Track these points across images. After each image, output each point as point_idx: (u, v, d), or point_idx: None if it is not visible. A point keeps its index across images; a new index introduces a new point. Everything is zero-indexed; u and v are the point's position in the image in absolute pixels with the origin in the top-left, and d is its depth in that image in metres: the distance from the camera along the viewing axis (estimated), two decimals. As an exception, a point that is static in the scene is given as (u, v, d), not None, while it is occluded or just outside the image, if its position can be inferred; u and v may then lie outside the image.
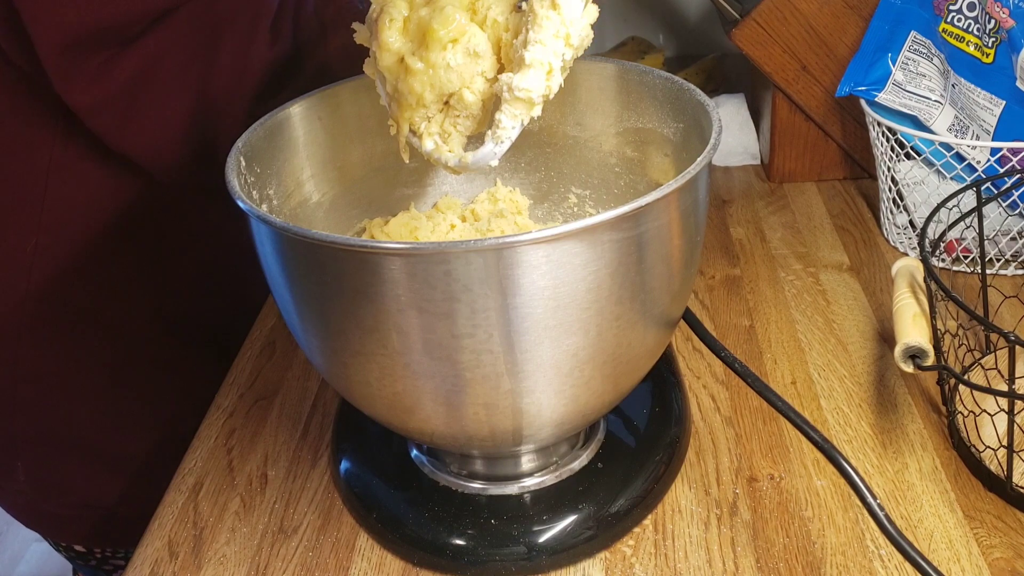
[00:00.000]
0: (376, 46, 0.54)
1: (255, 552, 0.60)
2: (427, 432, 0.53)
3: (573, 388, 0.50)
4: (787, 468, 0.62)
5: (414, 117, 0.55)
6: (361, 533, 0.61)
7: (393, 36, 0.54)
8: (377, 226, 0.67)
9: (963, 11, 0.82)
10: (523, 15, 0.52)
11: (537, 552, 0.56)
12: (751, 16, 0.91)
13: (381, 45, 0.54)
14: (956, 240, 0.79)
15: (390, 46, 0.54)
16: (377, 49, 0.54)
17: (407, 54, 0.53)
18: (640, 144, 0.64)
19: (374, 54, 0.55)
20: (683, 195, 0.48)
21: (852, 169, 0.98)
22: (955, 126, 0.83)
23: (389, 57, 0.54)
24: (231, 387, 0.76)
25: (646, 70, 0.61)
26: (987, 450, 0.58)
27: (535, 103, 0.52)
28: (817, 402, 0.68)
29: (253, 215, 0.47)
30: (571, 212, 0.70)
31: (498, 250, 0.43)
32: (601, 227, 0.44)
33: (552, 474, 0.60)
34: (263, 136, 0.58)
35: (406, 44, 0.54)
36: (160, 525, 0.63)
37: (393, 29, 0.54)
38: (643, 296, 0.49)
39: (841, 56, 0.91)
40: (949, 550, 0.55)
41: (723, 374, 0.71)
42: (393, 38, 0.54)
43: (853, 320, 0.76)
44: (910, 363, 0.58)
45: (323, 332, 0.51)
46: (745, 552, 0.56)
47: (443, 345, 0.46)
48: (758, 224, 0.91)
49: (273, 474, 0.66)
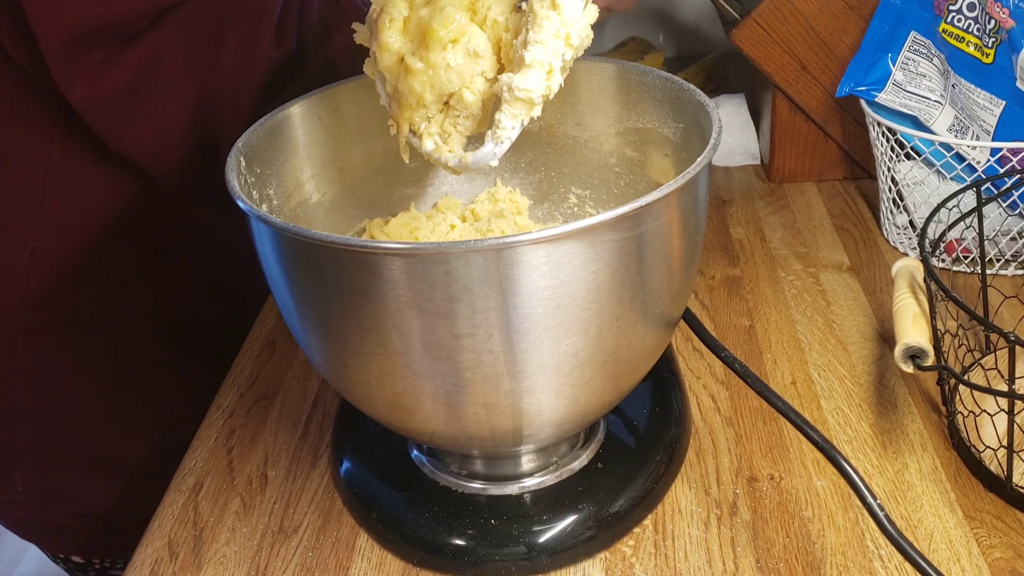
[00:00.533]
0: (376, 46, 0.54)
1: (255, 552, 0.60)
2: (427, 432, 0.53)
3: (573, 388, 0.50)
4: (787, 468, 0.62)
5: (414, 117, 0.55)
6: (361, 533, 0.61)
7: (393, 36, 0.54)
8: (377, 226, 0.67)
9: (963, 11, 0.82)
10: (523, 15, 0.52)
11: (537, 552, 0.56)
12: (751, 16, 0.91)
13: (381, 45, 0.54)
14: (956, 240, 0.79)
15: (390, 46, 0.54)
16: (377, 49, 0.54)
17: (407, 54, 0.53)
18: (640, 144, 0.64)
19: (374, 54, 0.55)
20: (683, 195, 0.48)
21: (852, 169, 0.98)
22: (955, 126, 0.83)
23: (389, 57, 0.54)
24: (231, 387, 0.76)
25: (646, 70, 0.61)
26: (987, 450, 0.58)
27: (535, 103, 0.52)
28: (817, 402, 0.68)
29: (253, 215, 0.47)
30: (571, 212, 0.70)
31: (498, 250, 0.43)
32: (601, 227, 0.44)
33: (552, 474, 0.60)
34: (263, 136, 0.58)
35: (406, 44, 0.54)
36: (160, 525, 0.63)
37: (393, 29, 0.54)
38: (643, 296, 0.49)
39: (841, 56, 0.91)
40: (949, 550, 0.55)
41: (723, 374, 0.71)
42: (393, 38, 0.54)
43: (853, 320, 0.76)
44: (910, 363, 0.58)
45: (323, 332, 0.51)
46: (745, 552, 0.56)
47: (443, 345, 0.46)
48: (758, 224, 0.91)
49: (273, 474, 0.66)
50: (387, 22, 0.54)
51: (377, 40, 0.54)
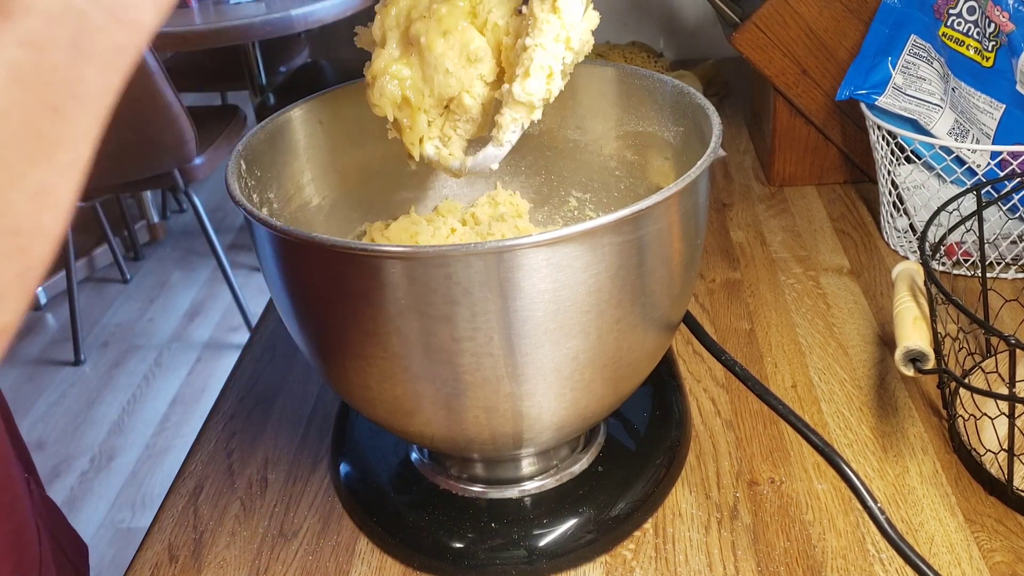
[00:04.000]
0: (370, 76, 0.55)
1: (255, 556, 0.60)
2: (427, 435, 0.53)
3: (573, 391, 0.50)
4: (788, 472, 0.62)
5: (420, 126, 0.56)
6: (361, 537, 0.60)
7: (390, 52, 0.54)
8: (378, 230, 0.67)
9: (963, 15, 0.82)
10: (524, 19, 0.52)
11: (537, 556, 0.56)
12: (751, 20, 0.91)
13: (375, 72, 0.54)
14: (956, 244, 0.79)
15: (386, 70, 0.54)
16: (371, 79, 0.55)
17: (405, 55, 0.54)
18: (640, 148, 0.64)
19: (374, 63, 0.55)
20: (683, 198, 0.48)
21: (852, 173, 0.98)
22: (955, 130, 0.83)
23: (388, 95, 0.54)
24: (231, 390, 0.76)
25: (647, 74, 0.61)
26: (988, 454, 0.58)
27: (535, 107, 0.52)
28: (817, 405, 0.68)
29: (253, 218, 0.47)
30: (571, 215, 0.70)
31: (498, 253, 0.43)
32: (601, 230, 0.44)
33: (552, 477, 0.60)
34: (264, 139, 0.58)
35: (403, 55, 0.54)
36: (160, 529, 0.63)
37: (386, 58, 0.54)
38: (643, 299, 0.49)
39: (841, 60, 0.92)
40: (950, 554, 0.55)
41: (723, 377, 0.71)
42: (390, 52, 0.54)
43: (853, 324, 0.76)
44: (911, 367, 0.58)
45: (323, 336, 0.51)
46: (746, 556, 0.56)
47: (443, 348, 0.46)
48: (758, 228, 0.91)
49: (273, 478, 0.66)
50: (381, 56, 0.54)
51: (371, 69, 0.55)
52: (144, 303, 2.73)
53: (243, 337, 2.46)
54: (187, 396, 2.32)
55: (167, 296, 2.75)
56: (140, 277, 2.86)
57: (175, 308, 2.69)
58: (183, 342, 2.53)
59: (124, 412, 2.28)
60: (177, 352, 2.49)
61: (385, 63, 0.54)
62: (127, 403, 2.31)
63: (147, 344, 2.54)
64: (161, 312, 2.68)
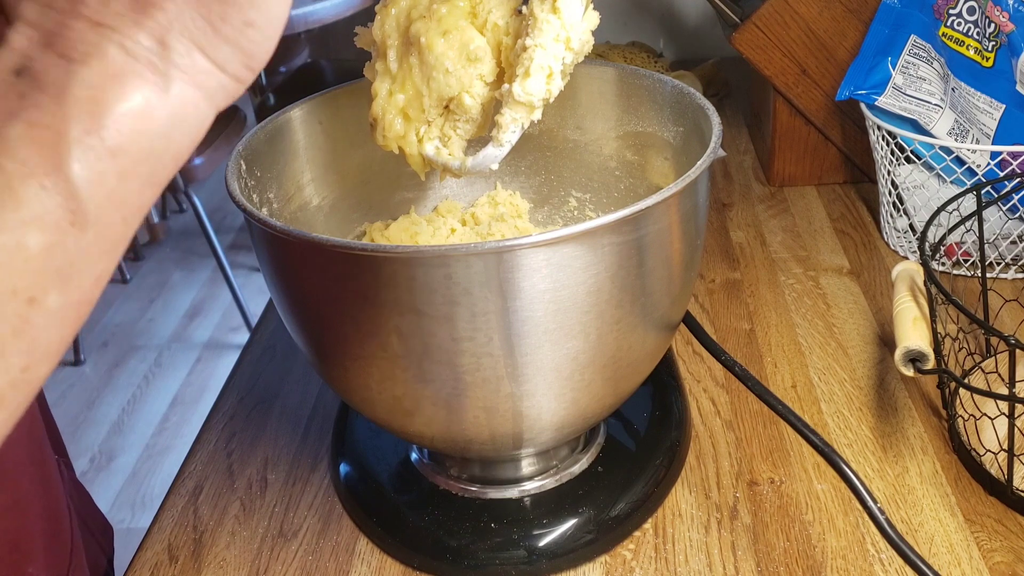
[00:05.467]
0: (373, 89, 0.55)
1: (255, 556, 0.60)
2: (427, 436, 0.53)
3: (573, 391, 0.50)
4: (787, 472, 0.62)
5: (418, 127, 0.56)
6: (361, 537, 0.60)
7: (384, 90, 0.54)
8: (377, 230, 0.67)
9: (963, 15, 0.82)
10: (523, 19, 0.52)
11: (537, 556, 0.56)
12: (751, 20, 0.91)
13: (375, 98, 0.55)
14: (956, 244, 0.79)
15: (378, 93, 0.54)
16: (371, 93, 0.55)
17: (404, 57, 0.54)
18: (640, 148, 0.64)
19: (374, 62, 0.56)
20: (683, 199, 0.48)
21: (852, 173, 0.98)
22: (955, 130, 0.83)
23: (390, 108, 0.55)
24: (231, 391, 0.76)
25: (646, 74, 0.61)
26: (988, 454, 0.58)
27: (535, 107, 0.52)
28: (817, 406, 0.68)
29: (253, 218, 0.47)
30: (571, 216, 0.70)
31: (498, 253, 0.43)
32: (601, 231, 0.44)
33: (552, 478, 0.60)
34: (264, 140, 0.58)
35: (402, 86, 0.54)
36: (160, 529, 0.63)
37: (384, 69, 0.54)
38: (643, 300, 0.49)
39: (841, 60, 0.91)
40: (950, 554, 0.55)
41: (723, 378, 0.71)
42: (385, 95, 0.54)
43: (853, 324, 0.76)
44: (910, 367, 0.58)
45: (323, 336, 0.51)
46: (745, 556, 0.56)
47: (443, 348, 0.46)
48: (758, 228, 0.91)
49: (273, 478, 0.66)
50: (376, 70, 0.54)
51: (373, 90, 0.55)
52: (144, 303, 2.73)
53: (243, 337, 2.46)
54: (187, 396, 2.32)
55: (167, 296, 2.75)
56: (140, 277, 2.86)
57: (175, 308, 2.69)
58: (183, 342, 2.53)
59: (124, 412, 2.29)
60: (177, 352, 2.49)
61: (383, 106, 0.55)
62: (127, 403, 2.31)
63: (147, 344, 2.54)
64: (161, 312, 2.68)
